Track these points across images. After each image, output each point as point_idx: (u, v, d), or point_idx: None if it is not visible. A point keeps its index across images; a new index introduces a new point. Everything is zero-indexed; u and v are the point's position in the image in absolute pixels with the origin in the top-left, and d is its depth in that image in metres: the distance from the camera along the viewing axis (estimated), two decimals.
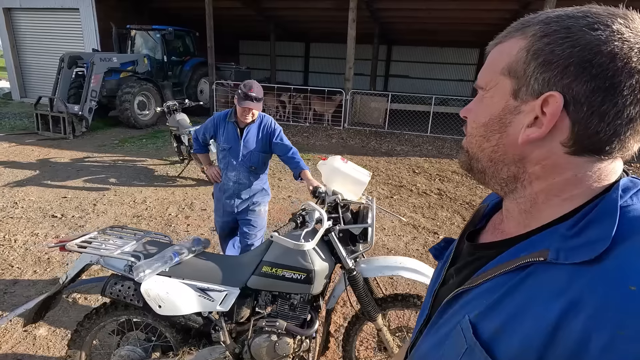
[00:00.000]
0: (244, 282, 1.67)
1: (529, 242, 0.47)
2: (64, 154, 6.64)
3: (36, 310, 1.71)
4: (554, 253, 0.43)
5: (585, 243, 0.41)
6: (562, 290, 0.41)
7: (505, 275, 0.47)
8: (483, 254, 0.55)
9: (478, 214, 0.66)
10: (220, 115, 2.46)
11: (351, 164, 1.70)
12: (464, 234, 0.64)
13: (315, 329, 1.68)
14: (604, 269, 0.39)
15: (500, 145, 0.49)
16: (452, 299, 0.55)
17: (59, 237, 3.55)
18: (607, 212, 0.42)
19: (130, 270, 1.61)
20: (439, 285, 0.62)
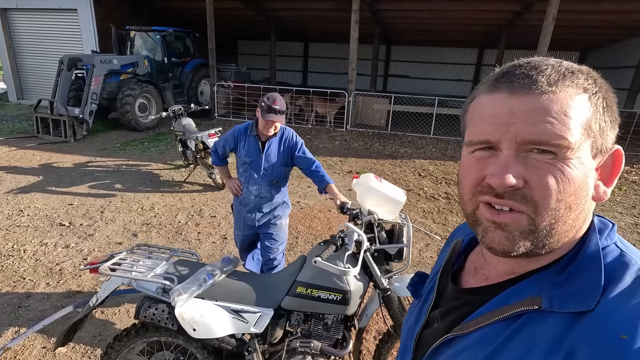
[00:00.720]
0: (278, 303, 1.65)
1: (518, 288, 0.47)
2: (66, 159, 6.56)
3: (65, 333, 1.68)
4: (547, 301, 0.43)
5: (576, 292, 0.42)
6: (558, 341, 0.41)
7: (499, 323, 0.46)
8: (470, 299, 0.54)
9: (455, 251, 0.64)
10: (241, 128, 2.42)
11: (386, 182, 1.68)
12: (444, 273, 0.62)
13: (349, 349, 1.67)
14: (594, 319, 0.40)
15: (582, 212, 0.45)
16: (441, 345, 0.53)
17: (88, 259, 3.46)
18: (592, 258, 0.43)
19: (163, 292, 1.58)
20: (422, 327, 0.60)
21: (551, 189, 0.43)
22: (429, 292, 0.64)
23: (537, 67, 0.45)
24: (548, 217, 0.44)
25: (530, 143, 0.43)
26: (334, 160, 7.00)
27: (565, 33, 11.08)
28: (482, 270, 0.56)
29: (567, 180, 0.43)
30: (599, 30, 11.49)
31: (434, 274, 0.66)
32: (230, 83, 10.72)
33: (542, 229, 0.44)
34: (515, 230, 0.45)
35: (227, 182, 2.53)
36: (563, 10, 8.16)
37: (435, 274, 0.65)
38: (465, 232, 0.68)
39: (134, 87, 8.56)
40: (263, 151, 2.34)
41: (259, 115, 2.26)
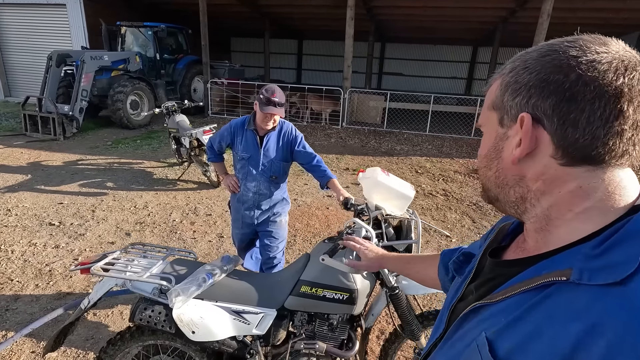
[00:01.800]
0: (281, 303, 1.57)
1: (551, 261, 0.48)
2: (55, 157, 6.38)
3: (55, 338, 1.58)
4: (577, 273, 0.43)
5: (610, 264, 0.41)
6: (582, 311, 0.40)
7: (526, 293, 0.47)
8: (504, 271, 0.55)
9: (502, 232, 0.67)
10: (238, 122, 2.33)
11: (393, 176, 1.61)
12: (486, 251, 0.65)
13: (356, 350, 1.60)
14: (628, 293, 0.39)
15: (500, 170, 0.54)
16: (469, 312, 0.55)
17: (78, 260, 3.35)
18: (634, 233, 0.42)
19: (159, 293, 1.49)
20: (457, 300, 0.63)
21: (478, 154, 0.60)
22: (471, 269, 0.66)
23: (503, 65, 0.56)
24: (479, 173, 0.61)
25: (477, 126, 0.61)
26: (330, 158, 6.92)
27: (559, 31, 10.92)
28: (522, 245, 0.58)
29: (481, 146, 0.59)
30: (592, 28, 11.26)
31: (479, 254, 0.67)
32: (224, 80, 10.57)
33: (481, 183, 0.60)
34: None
35: (223, 179, 2.44)
36: (557, 7, 8.19)
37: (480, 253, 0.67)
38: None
39: (125, 84, 8.38)
40: (261, 146, 2.26)
41: (257, 109, 2.17)
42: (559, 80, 0.45)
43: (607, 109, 0.44)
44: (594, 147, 0.45)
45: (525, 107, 0.48)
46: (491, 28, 12.55)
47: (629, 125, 0.44)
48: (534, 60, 0.49)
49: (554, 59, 0.47)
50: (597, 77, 0.44)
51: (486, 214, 4.56)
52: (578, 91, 0.44)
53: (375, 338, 2.42)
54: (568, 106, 0.45)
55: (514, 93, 0.50)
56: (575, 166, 0.47)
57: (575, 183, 0.47)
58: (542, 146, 0.48)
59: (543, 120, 0.47)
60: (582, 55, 0.45)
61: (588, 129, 0.44)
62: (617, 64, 0.44)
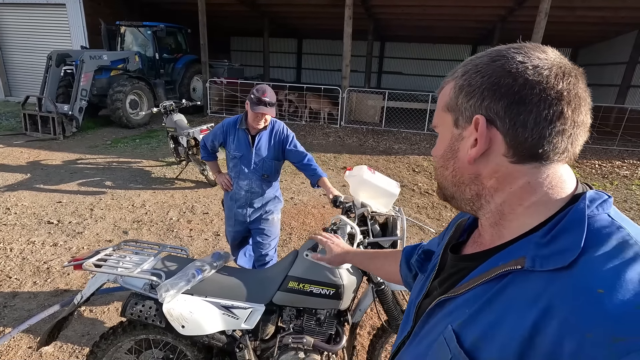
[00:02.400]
0: (269, 299, 1.61)
1: (507, 252, 0.51)
2: (55, 156, 6.43)
3: (49, 332, 1.62)
4: (530, 261, 0.47)
5: (558, 251, 0.45)
6: (537, 297, 0.44)
7: (486, 284, 0.50)
8: (465, 265, 0.58)
9: (459, 228, 0.69)
10: (230, 121, 2.37)
11: (379, 174, 1.64)
12: (447, 247, 0.67)
13: (343, 344, 1.63)
14: (574, 275, 0.43)
15: (457, 169, 0.57)
16: (435, 307, 0.58)
17: (74, 256, 3.40)
18: (576, 221, 0.47)
19: (150, 288, 1.53)
20: (423, 297, 0.65)
21: (433, 154, 0.62)
22: (433, 266, 0.69)
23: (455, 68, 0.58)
24: (435, 173, 0.63)
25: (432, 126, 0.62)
26: (328, 157, 6.96)
27: (557, 29, 11.14)
28: (478, 240, 0.61)
29: (437, 147, 0.60)
30: (590, 26, 11.56)
31: (439, 252, 0.70)
32: (222, 79, 10.61)
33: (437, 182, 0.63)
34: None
35: (217, 178, 2.48)
36: (555, 6, 8.19)
37: (440, 250, 0.70)
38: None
39: (124, 83, 8.42)
40: (253, 145, 2.29)
41: (248, 108, 2.20)
42: (509, 83, 0.49)
43: (550, 110, 0.48)
44: (541, 145, 0.49)
45: (479, 109, 0.51)
46: (490, 27, 12.55)
47: (568, 125, 0.49)
48: (485, 64, 0.52)
49: (504, 64, 0.50)
50: (542, 81, 0.48)
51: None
52: (526, 94, 0.48)
53: (367, 334, 2.46)
54: (518, 108, 0.49)
55: (468, 95, 0.53)
56: (524, 163, 0.50)
57: (524, 179, 0.51)
58: (495, 146, 0.51)
59: (496, 122, 0.50)
60: (528, 61, 0.49)
61: (536, 129, 0.48)
62: (557, 70, 0.49)
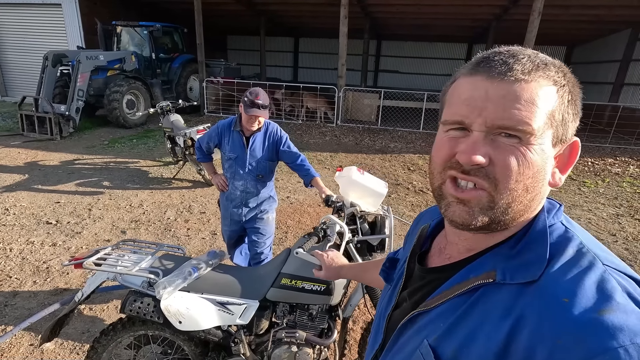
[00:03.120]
0: (263, 295, 1.67)
1: (477, 264, 0.51)
2: (52, 156, 6.46)
3: (51, 328, 1.68)
4: (501, 274, 0.47)
5: (525, 264, 0.47)
6: (509, 309, 0.45)
7: (459, 297, 0.50)
8: (434, 277, 0.58)
9: (422, 235, 0.67)
10: (225, 123, 2.43)
11: (368, 175, 1.71)
12: (412, 256, 0.66)
13: (334, 338, 1.70)
14: (541, 286, 0.44)
15: (538, 195, 0.48)
16: (407, 322, 0.57)
17: (73, 256, 3.45)
18: (539, 234, 0.48)
19: (148, 286, 1.60)
20: (392, 308, 0.64)
21: (512, 169, 0.46)
22: (400, 276, 0.68)
23: (515, 56, 0.48)
24: (506, 196, 0.47)
25: (499, 127, 0.46)
26: (324, 156, 7.02)
27: (551, 28, 11.21)
28: (445, 250, 0.60)
29: (527, 164, 0.46)
30: (584, 24, 11.65)
31: (403, 259, 0.69)
32: (219, 79, 10.63)
33: (500, 207, 0.48)
34: (475, 206, 0.49)
35: (212, 178, 2.54)
36: (549, 5, 8.26)
37: (405, 258, 0.68)
38: (432, 217, 0.71)
39: (121, 83, 8.44)
40: (248, 146, 2.36)
41: (242, 110, 2.26)
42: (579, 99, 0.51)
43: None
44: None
45: (574, 129, 0.50)
46: (485, 25, 12.62)
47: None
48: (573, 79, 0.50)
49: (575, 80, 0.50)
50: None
51: None
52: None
53: (360, 329, 2.53)
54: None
55: (574, 110, 0.49)
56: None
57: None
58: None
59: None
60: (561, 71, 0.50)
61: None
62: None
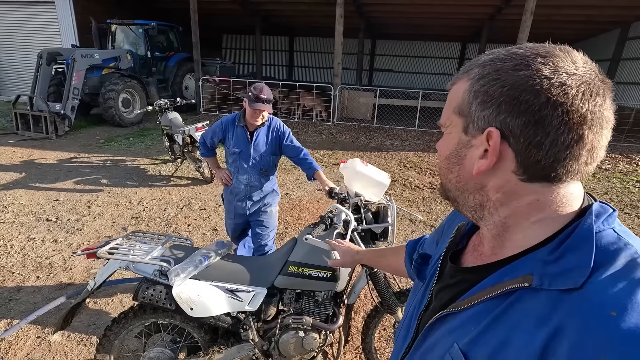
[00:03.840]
0: (271, 282, 1.73)
1: (512, 267, 0.49)
2: (48, 155, 6.44)
3: (64, 317, 1.73)
4: (538, 279, 0.45)
5: (566, 270, 0.44)
6: (546, 317, 0.42)
7: (492, 300, 0.49)
8: (466, 278, 0.56)
9: (459, 233, 0.66)
10: (229, 119, 2.48)
11: (371, 166, 1.78)
12: (446, 254, 0.65)
13: (339, 323, 1.77)
14: (585, 296, 0.41)
15: (461, 176, 0.54)
16: (436, 321, 0.56)
17: (85, 246, 3.47)
18: (584, 238, 0.45)
19: (160, 274, 1.64)
20: (425, 307, 0.63)
21: (438, 152, 0.59)
22: (432, 273, 0.66)
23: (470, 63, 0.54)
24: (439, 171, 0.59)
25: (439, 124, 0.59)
26: (321, 154, 7.08)
27: (544, 27, 11.39)
28: (478, 248, 0.59)
29: (441, 146, 0.58)
30: (575, 24, 11.86)
31: (437, 257, 0.68)
32: (215, 77, 10.64)
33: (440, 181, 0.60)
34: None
35: (216, 173, 2.59)
36: (541, 5, 8.42)
37: (438, 256, 0.67)
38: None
39: (116, 81, 8.42)
40: (251, 141, 2.41)
41: (246, 106, 2.32)
42: (529, 100, 0.45)
43: (570, 134, 0.45)
44: (554, 169, 0.46)
45: (493, 122, 0.48)
46: (479, 25, 12.77)
47: (586, 150, 0.46)
48: (505, 72, 0.47)
49: (527, 75, 0.45)
50: (566, 102, 0.44)
51: None
52: (547, 115, 0.44)
53: (361, 319, 2.60)
54: (535, 129, 0.45)
55: (483, 105, 0.49)
56: (534, 182, 0.48)
57: (532, 197, 0.49)
58: (505, 161, 0.48)
59: (509, 138, 0.47)
60: (554, 76, 0.45)
61: (551, 152, 0.45)
62: (585, 89, 0.45)
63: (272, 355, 1.76)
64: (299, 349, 1.72)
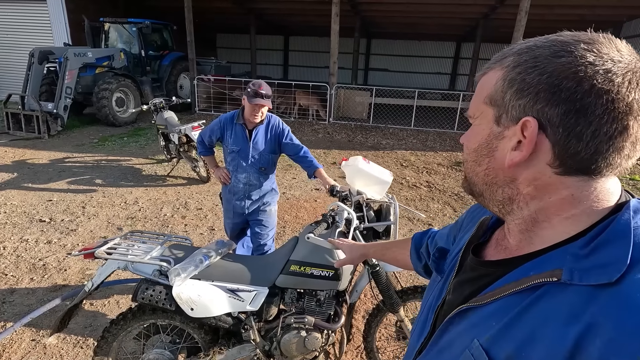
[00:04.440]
0: (273, 282, 1.71)
1: (539, 261, 0.47)
2: (41, 155, 6.34)
3: (61, 319, 1.69)
4: (568, 273, 0.42)
5: (600, 264, 0.41)
6: (577, 313, 0.40)
7: (516, 295, 0.46)
8: (489, 272, 0.54)
9: (482, 226, 0.64)
10: (227, 117, 2.45)
11: (373, 164, 1.76)
12: (468, 247, 0.62)
13: (341, 322, 1.75)
14: (621, 292, 0.39)
15: (491, 168, 0.51)
16: (456, 315, 0.54)
17: (80, 247, 3.41)
18: (621, 233, 0.42)
19: (159, 274, 1.62)
20: (442, 301, 0.61)
21: (465, 145, 0.57)
22: (452, 267, 0.64)
23: (503, 52, 0.52)
24: (465, 164, 0.57)
25: (467, 115, 0.57)
26: (317, 153, 7.06)
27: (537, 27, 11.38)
28: (502, 242, 0.57)
29: (469, 138, 0.55)
30: (568, 24, 11.54)
31: (457, 250, 0.66)
32: (210, 77, 10.57)
33: (466, 175, 0.57)
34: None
35: (214, 172, 2.56)
36: (535, 4, 8.48)
37: (458, 250, 0.65)
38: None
39: (110, 81, 8.32)
40: (250, 139, 2.38)
41: (245, 102, 2.28)
42: (571, 88, 0.42)
43: (614, 124, 0.42)
44: (594, 161, 0.44)
45: (530, 111, 0.45)
46: (473, 24, 12.84)
47: (630, 142, 0.43)
48: (545, 58, 0.45)
49: (569, 62, 0.43)
50: (612, 90, 0.41)
51: (467, 204, 4.78)
52: (589, 103, 0.42)
53: (361, 318, 2.59)
54: (577, 118, 0.43)
55: (519, 93, 0.46)
56: (571, 176, 0.46)
57: (567, 191, 0.46)
58: (541, 153, 0.46)
59: (547, 128, 0.45)
60: (599, 63, 0.42)
61: (592, 143, 0.43)
62: (631, 77, 0.42)
63: (273, 355, 1.74)
64: (301, 348, 1.70)
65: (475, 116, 0.54)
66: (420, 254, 0.88)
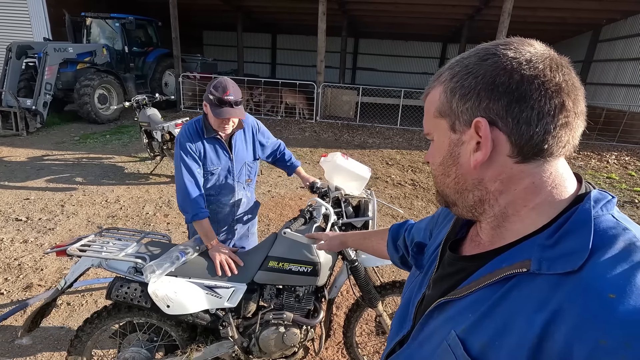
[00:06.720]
0: (251, 278, 1.70)
1: (510, 254, 0.50)
2: (18, 152, 6.16)
3: (32, 318, 1.65)
4: (536, 263, 0.45)
5: (565, 253, 0.44)
6: (544, 301, 0.42)
7: (490, 287, 0.49)
8: (465, 266, 0.56)
9: (458, 223, 0.67)
10: (191, 133, 1.82)
11: (352, 160, 1.77)
12: (446, 243, 0.65)
13: (320, 318, 1.76)
14: (583, 279, 0.41)
15: (459, 175, 0.54)
16: (435, 309, 0.56)
17: (56, 243, 3.32)
18: (582, 222, 0.45)
19: (135, 272, 1.59)
20: (423, 296, 0.63)
21: (430, 162, 0.60)
22: (431, 262, 0.66)
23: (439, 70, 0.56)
24: (434, 180, 0.60)
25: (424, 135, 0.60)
26: (304, 151, 7.06)
27: (520, 29, 11.72)
28: (476, 238, 0.59)
29: (432, 154, 0.59)
30: (550, 26, 12.26)
31: (435, 246, 0.69)
32: (196, 74, 10.44)
33: (437, 190, 0.61)
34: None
35: (211, 248, 1.75)
36: (518, 6, 8.66)
37: (436, 246, 0.68)
38: None
39: (92, 77, 8.14)
40: (232, 151, 1.92)
41: (207, 111, 1.77)
42: (505, 81, 0.47)
43: (552, 101, 0.46)
44: (546, 141, 0.47)
45: (477, 112, 0.49)
46: (458, 25, 13.02)
47: (571, 117, 0.47)
48: (475, 64, 0.50)
49: (495, 62, 0.48)
50: (539, 75, 0.46)
51: None
52: (525, 90, 0.46)
53: (343, 314, 2.60)
54: (519, 105, 0.46)
55: (463, 98, 0.50)
56: (528, 162, 0.49)
57: (528, 179, 0.49)
58: (499, 147, 0.49)
59: (498, 122, 0.48)
60: (520, 56, 0.47)
61: (540, 124, 0.46)
62: (550, 62, 0.47)
63: (252, 352, 1.73)
64: (279, 344, 1.70)
65: (431, 132, 0.58)
66: (397, 246, 0.91)
